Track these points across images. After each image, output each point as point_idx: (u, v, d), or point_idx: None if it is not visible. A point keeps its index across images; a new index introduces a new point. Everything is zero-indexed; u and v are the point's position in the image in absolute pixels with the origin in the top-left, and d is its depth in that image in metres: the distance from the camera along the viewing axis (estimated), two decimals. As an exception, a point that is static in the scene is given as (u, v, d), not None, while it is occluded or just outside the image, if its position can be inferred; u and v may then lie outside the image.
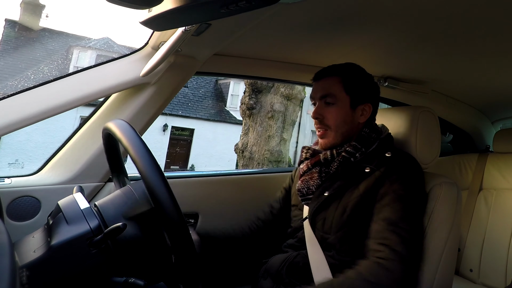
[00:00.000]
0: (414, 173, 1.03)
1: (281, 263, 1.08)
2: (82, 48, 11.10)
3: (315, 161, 1.10)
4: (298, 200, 1.15)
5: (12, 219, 1.07)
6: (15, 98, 1.05)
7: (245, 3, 0.55)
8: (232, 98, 13.97)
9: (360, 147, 1.06)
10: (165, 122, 12.23)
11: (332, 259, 1.01)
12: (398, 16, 0.98)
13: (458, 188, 1.11)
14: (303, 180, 1.11)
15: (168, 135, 12.39)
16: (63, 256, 0.65)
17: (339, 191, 1.03)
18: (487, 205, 1.76)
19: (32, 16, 9.60)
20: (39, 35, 9.88)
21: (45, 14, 9.53)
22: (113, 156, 0.90)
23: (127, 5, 0.58)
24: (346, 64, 1.12)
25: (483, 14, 0.93)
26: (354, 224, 1.00)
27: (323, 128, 1.09)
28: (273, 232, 1.26)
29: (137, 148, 0.66)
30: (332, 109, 1.07)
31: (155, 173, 0.64)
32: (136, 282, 0.66)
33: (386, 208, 0.96)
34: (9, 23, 9.86)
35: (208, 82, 13.99)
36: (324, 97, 1.08)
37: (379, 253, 0.91)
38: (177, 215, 0.63)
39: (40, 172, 1.24)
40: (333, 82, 1.08)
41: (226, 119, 13.65)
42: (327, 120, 1.08)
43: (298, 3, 0.88)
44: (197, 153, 12.85)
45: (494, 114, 2.06)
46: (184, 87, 8.30)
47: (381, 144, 1.08)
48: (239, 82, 13.57)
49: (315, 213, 1.05)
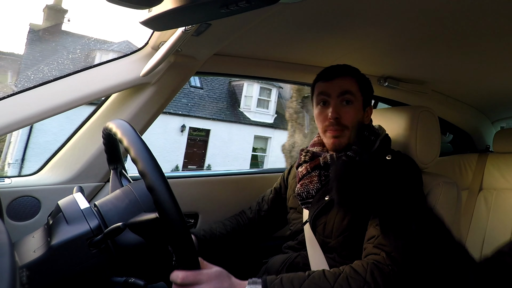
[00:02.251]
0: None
1: (282, 263, 1.08)
2: (104, 51, 11.23)
3: (315, 164, 1.09)
4: (297, 203, 1.14)
5: (12, 219, 1.07)
6: (15, 98, 1.05)
7: (245, 3, 0.55)
8: (245, 99, 14.21)
9: (360, 151, 1.05)
10: (183, 123, 12.51)
11: (333, 261, 1.00)
12: (398, 16, 0.98)
13: (458, 188, 1.11)
14: (303, 184, 1.09)
15: (186, 136, 12.69)
16: (63, 256, 0.65)
17: None
18: (487, 205, 1.76)
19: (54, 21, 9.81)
20: (61, 38, 10.03)
21: (67, 18, 9.74)
22: (113, 156, 0.90)
23: (127, 5, 0.58)
24: (356, 68, 1.12)
25: (483, 14, 0.93)
26: (354, 229, 0.99)
27: (340, 129, 1.06)
28: (257, 230, 1.26)
29: (139, 151, 0.66)
30: (350, 108, 1.06)
31: (158, 178, 0.63)
32: (136, 282, 0.66)
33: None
34: (33, 27, 10.19)
35: (222, 83, 14.25)
36: (343, 94, 1.05)
37: (375, 256, 0.89)
38: (180, 223, 0.62)
39: (40, 172, 1.24)
40: (351, 81, 1.07)
41: (240, 120, 13.90)
42: (344, 119, 1.05)
43: (298, 3, 0.88)
44: (213, 153, 13.13)
45: (494, 114, 2.06)
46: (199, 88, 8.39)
47: (380, 146, 1.08)
48: (252, 84, 13.86)
49: (315, 217, 1.04)
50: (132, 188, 0.78)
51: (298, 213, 1.15)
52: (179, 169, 11.80)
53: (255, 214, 1.27)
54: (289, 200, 1.21)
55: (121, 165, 0.93)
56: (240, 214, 1.30)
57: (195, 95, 13.06)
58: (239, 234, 1.24)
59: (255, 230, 1.27)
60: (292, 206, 1.19)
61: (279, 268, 1.07)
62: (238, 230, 1.24)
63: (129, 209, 0.74)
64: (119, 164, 0.92)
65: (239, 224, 1.25)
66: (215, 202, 1.43)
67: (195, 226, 1.39)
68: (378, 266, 0.85)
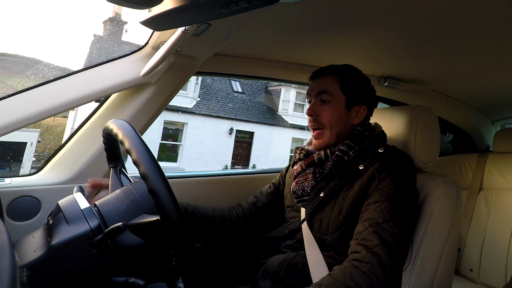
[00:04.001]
0: (405, 170, 1.01)
1: (280, 263, 1.08)
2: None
3: (309, 161, 1.09)
4: (294, 201, 1.14)
5: (12, 219, 1.07)
6: (15, 98, 1.05)
7: (245, 3, 0.55)
8: (283, 103, 15.16)
9: (353, 145, 1.06)
10: (231, 126, 13.45)
11: (331, 259, 1.01)
12: (398, 16, 0.98)
13: (458, 188, 1.11)
14: (298, 181, 1.10)
15: (233, 138, 13.58)
16: (63, 256, 0.65)
17: (335, 191, 1.03)
18: (487, 205, 1.76)
19: (114, 31, 10.45)
20: (120, 48, 10.65)
21: (125, 29, 10.42)
22: (113, 154, 0.90)
23: (127, 5, 0.58)
24: (344, 65, 1.12)
25: (483, 14, 0.93)
26: (350, 224, 0.99)
27: (318, 127, 1.08)
28: (253, 224, 1.25)
29: (141, 154, 0.65)
30: (327, 107, 1.07)
31: (161, 182, 0.63)
32: (136, 282, 0.66)
33: (371, 207, 0.94)
34: (96, 38, 11.18)
35: (260, 88, 15.27)
36: (320, 93, 1.08)
37: (355, 255, 0.89)
38: (181, 225, 0.62)
39: (40, 172, 1.24)
40: (330, 81, 1.08)
41: (279, 123, 14.84)
42: (321, 117, 1.07)
43: (298, 3, 0.89)
44: (256, 155, 14.11)
45: (494, 114, 2.06)
46: (241, 93, 8.44)
47: (373, 141, 1.07)
48: (289, 89, 14.88)
49: (311, 214, 1.05)
50: (133, 188, 0.78)
51: (296, 211, 1.15)
52: (228, 169, 12.39)
53: (251, 206, 1.26)
54: (286, 198, 1.22)
55: (121, 163, 0.93)
56: (236, 206, 1.29)
57: (238, 100, 13.99)
58: (229, 225, 1.22)
59: (250, 224, 1.24)
60: (289, 204, 1.19)
61: (278, 268, 1.07)
62: (229, 220, 1.22)
63: (130, 210, 0.74)
64: (118, 163, 0.92)
65: (231, 214, 1.24)
66: (215, 202, 1.42)
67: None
68: (357, 267, 0.86)
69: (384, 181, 0.97)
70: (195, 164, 12.27)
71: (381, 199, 0.94)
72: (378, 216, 0.92)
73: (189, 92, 12.53)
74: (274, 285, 1.07)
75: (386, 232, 0.90)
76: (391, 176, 0.98)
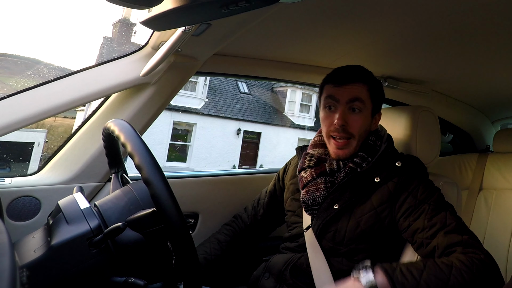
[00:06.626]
0: (426, 175, 1.04)
1: (285, 263, 1.08)
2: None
3: (321, 171, 1.05)
4: (296, 206, 1.13)
5: (12, 219, 1.07)
6: (15, 98, 1.05)
7: (245, 3, 0.55)
8: (289, 104, 15.37)
9: (366, 157, 1.03)
10: (239, 127, 13.68)
11: (340, 264, 1.00)
12: (398, 17, 0.98)
13: (458, 188, 1.11)
14: (308, 191, 1.05)
15: (241, 138, 13.82)
16: (63, 256, 0.65)
17: (350, 203, 1.00)
18: (487, 205, 1.76)
19: (124, 33, 10.67)
20: (129, 49, 11.04)
21: (134, 31, 10.70)
22: (113, 155, 0.90)
23: (127, 5, 0.58)
24: (368, 70, 1.08)
25: (483, 15, 0.93)
26: (368, 238, 0.98)
27: (346, 137, 1.02)
28: (254, 234, 1.28)
29: (141, 154, 0.65)
30: (358, 117, 1.02)
31: (155, 171, 0.63)
32: (136, 282, 0.66)
33: (424, 216, 0.92)
34: (106, 39, 11.46)
35: (266, 89, 15.45)
36: (352, 101, 1.01)
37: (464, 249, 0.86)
38: (177, 215, 0.62)
39: (40, 172, 1.24)
40: (361, 88, 1.02)
41: (285, 124, 15.07)
42: (351, 127, 1.01)
43: (298, 3, 0.88)
44: (263, 155, 14.35)
45: (494, 114, 2.06)
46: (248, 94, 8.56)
47: (386, 151, 1.05)
48: (295, 90, 15.08)
49: (324, 226, 1.02)
50: (132, 187, 0.78)
51: (298, 216, 1.13)
52: (236, 168, 12.55)
53: (252, 220, 1.28)
54: (286, 202, 1.19)
55: (122, 168, 0.93)
56: (236, 220, 1.30)
57: (245, 101, 14.22)
58: (235, 243, 1.25)
59: (252, 234, 1.28)
60: (290, 209, 1.17)
61: (282, 268, 1.07)
62: (234, 239, 1.25)
63: (129, 209, 0.74)
64: (120, 168, 0.92)
65: (235, 233, 1.26)
66: (215, 202, 1.43)
67: (195, 226, 1.39)
68: (476, 258, 0.83)
69: (419, 191, 0.96)
70: (204, 164, 12.41)
71: (430, 205, 0.93)
72: (435, 221, 0.91)
73: (198, 93, 12.63)
74: (278, 285, 1.06)
75: (454, 224, 0.89)
76: (421, 184, 0.98)
